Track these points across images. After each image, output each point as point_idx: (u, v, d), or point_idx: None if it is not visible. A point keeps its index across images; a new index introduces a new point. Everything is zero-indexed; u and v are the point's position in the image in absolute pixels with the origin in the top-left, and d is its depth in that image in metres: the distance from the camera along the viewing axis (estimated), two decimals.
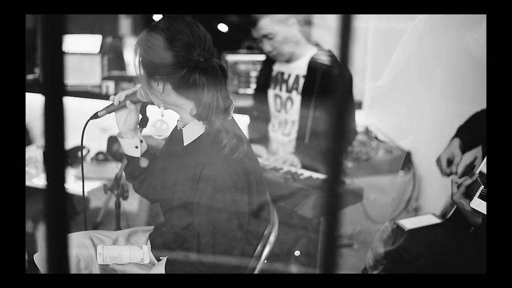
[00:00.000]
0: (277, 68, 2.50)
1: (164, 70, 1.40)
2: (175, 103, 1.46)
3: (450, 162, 1.93)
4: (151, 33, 1.41)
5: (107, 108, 1.60)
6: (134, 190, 1.74)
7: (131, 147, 1.63)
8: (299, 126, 2.40)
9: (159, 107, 1.49)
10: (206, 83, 1.40)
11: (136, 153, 1.63)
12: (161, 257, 1.55)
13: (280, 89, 2.47)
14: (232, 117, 1.50)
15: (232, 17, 3.80)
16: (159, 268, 1.46)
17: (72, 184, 2.44)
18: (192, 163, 1.43)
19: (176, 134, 1.58)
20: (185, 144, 1.50)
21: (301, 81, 2.40)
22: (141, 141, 1.63)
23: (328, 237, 0.51)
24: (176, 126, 1.59)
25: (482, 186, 1.61)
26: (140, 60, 1.43)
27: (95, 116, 1.60)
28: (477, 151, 1.96)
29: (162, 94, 1.44)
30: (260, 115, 2.59)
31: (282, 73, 2.48)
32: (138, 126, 1.65)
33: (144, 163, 1.67)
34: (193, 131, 1.48)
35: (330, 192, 0.49)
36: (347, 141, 2.47)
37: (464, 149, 1.95)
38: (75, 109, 1.58)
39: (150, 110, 1.69)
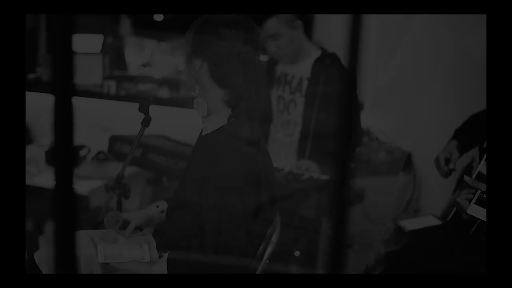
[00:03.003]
0: (280, 69, 2.50)
1: (206, 46, 1.48)
2: (205, 86, 1.52)
3: (447, 161, 1.93)
4: (213, 15, 1.50)
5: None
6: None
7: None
8: (302, 128, 2.40)
9: (194, 90, 1.55)
10: (243, 74, 1.46)
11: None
12: (162, 254, 1.55)
13: (283, 90, 2.48)
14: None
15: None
16: (161, 265, 1.46)
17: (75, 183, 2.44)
18: (206, 157, 1.48)
19: (200, 141, 1.62)
20: (203, 134, 1.56)
21: (305, 83, 2.40)
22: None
23: (334, 239, 0.51)
24: (201, 132, 1.62)
25: (479, 191, 1.59)
26: (193, 36, 1.51)
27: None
28: (475, 152, 1.96)
29: (198, 73, 1.50)
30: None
31: (286, 75, 2.48)
32: (141, 126, 1.65)
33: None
34: (215, 121, 1.53)
35: (337, 194, 0.49)
36: (355, 142, 2.47)
37: (461, 150, 1.96)
38: (77, 108, 1.58)
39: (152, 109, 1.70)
